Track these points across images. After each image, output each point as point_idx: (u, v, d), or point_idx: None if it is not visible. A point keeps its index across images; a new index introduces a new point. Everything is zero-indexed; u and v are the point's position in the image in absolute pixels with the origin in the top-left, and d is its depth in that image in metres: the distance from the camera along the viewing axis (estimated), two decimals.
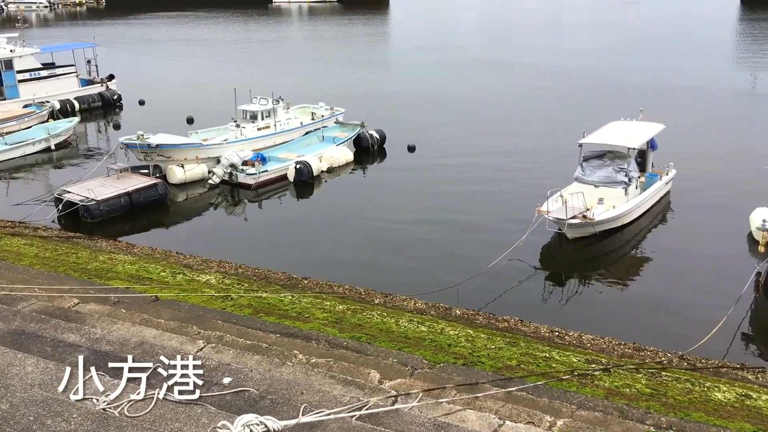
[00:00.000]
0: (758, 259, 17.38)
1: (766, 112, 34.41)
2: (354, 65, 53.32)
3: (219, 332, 10.47)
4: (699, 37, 62.89)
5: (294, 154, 27.86)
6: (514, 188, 24.19)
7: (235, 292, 13.77)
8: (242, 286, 14.41)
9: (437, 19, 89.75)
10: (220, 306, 12.61)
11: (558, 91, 40.76)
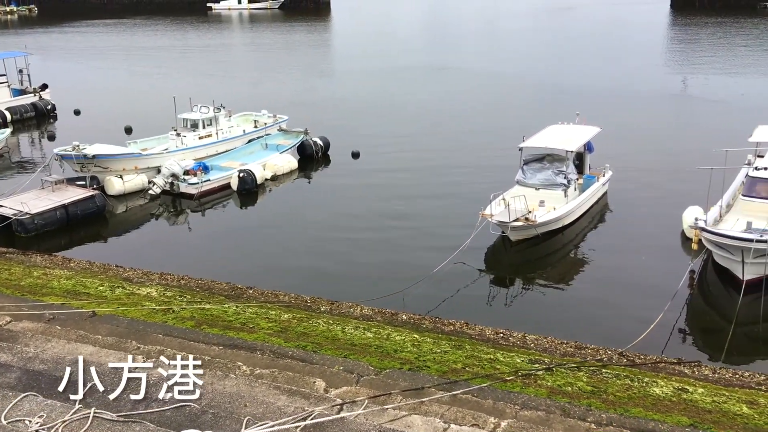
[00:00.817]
0: (691, 257, 18.04)
1: (697, 114, 35.74)
2: (296, 72, 53.05)
3: (159, 346, 10.22)
4: (632, 42, 64.95)
5: (237, 163, 27.51)
6: (458, 192, 24.45)
7: (177, 304, 13.47)
8: (185, 298, 14.12)
9: (378, 26, 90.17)
10: (161, 319, 12.32)
11: (497, 96, 41.46)
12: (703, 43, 61.86)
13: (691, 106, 37.84)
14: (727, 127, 29.80)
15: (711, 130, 31.14)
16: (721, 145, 20.48)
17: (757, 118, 25.98)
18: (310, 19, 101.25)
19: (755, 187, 18.61)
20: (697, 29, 72.68)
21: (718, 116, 34.37)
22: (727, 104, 36.82)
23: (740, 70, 47.67)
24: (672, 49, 61.09)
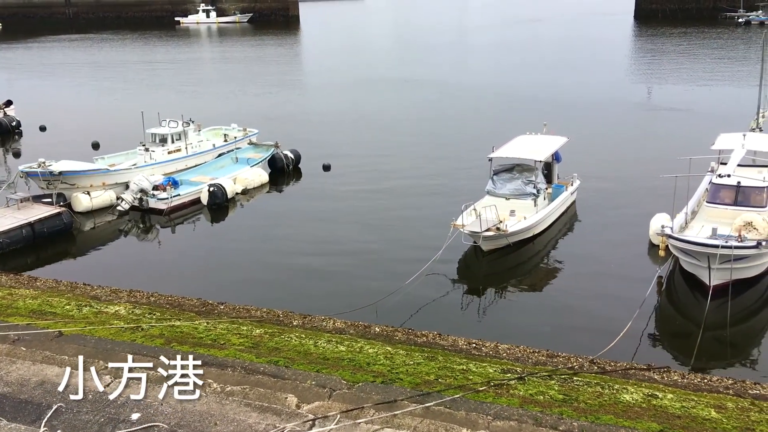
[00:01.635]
0: (659, 264, 18.32)
1: (661, 123, 36.39)
2: (266, 85, 52.93)
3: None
4: (597, 53, 66.06)
5: (207, 177, 27.31)
6: (430, 203, 24.54)
7: (146, 322, 13.27)
8: (154, 316, 13.91)
9: (348, 39, 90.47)
10: (130, 338, 12.12)
11: (466, 107, 41.80)
12: (666, 53, 63.15)
13: (656, 115, 38.53)
14: (691, 135, 30.40)
15: (675, 138, 31.72)
16: (685, 153, 20.86)
17: (720, 126, 26.55)
18: (280, 32, 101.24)
19: (719, 193, 19.01)
20: (661, 40, 74.23)
21: (682, 125, 35.07)
22: (690, 113, 37.60)
23: (703, 79, 48.73)
24: (636, 60, 62.25)
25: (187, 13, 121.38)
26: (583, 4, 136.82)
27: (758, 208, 18.24)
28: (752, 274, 17.16)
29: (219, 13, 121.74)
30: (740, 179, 18.96)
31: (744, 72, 48.84)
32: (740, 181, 18.85)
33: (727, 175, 19.22)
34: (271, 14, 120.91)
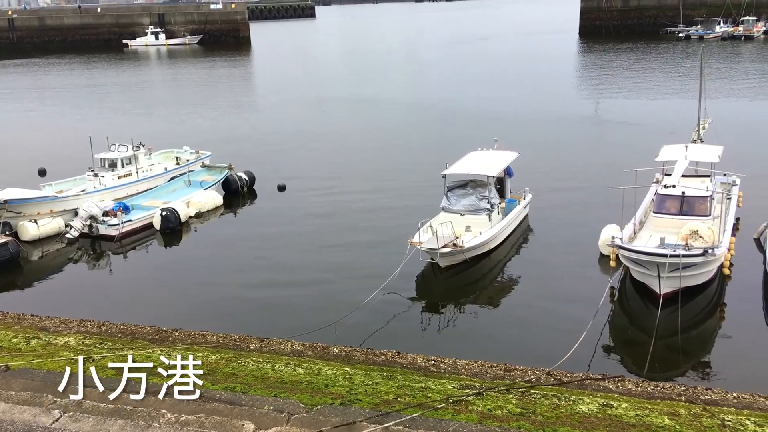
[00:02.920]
0: (610, 274, 18.72)
1: (609, 136, 37.32)
2: (218, 107, 52.51)
3: (78, 398, 9.75)
4: (545, 69, 67.53)
5: (159, 201, 26.89)
6: (386, 222, 24.60)
7: (97, 352, 12.92)
8: (105, 346, 13.56)
9: (300, 58, 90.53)
10: None
11: (418, 125, 42.17)
12: (611, 68, 64.98)
13: (603, 128, 39.53)
14: (636, 147, 31.23)
15: (622, 150, 32.57)
16: (631, 164, 21.44)
17: (663, 138, 27.42)
18: (231, 54, 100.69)
19: (664, 203, 19.58)
20: (606, 55, 76.36)
21: (628, 137, 36.03)
22: (635, 125, 38.67)
23: (646, 93, 50.25)
24: (583, 75, 63.87)
25: (135, 36, 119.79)
26: (530, 22, 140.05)
27: (703, 217, 18.84)
28: (700, 281, 17.66)
29: (168, 35, 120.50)
30: (684, 189, 19.56)
31: (685, 85, 50.60)
32: (684, 191, 19.45)
33: (672, 186, 19.81)
34: (221, 35, 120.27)
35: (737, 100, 45.45)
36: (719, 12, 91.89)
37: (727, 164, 22.90)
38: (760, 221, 21.21)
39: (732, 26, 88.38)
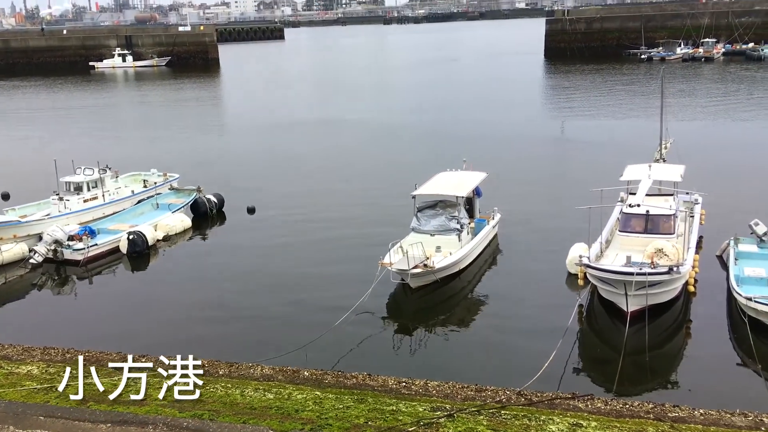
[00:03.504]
0: (578, 292, 18.93)
1: (575, 155, 37.94)
2: (187, 129, 52.19)
3: (40, 430, 9.51)
4: (512, 90, 68.60)
5: (126, 225, 26.52)
6: (356, 243, 24.57)
7: (60, 381, 12.61)
8: (70, 374, 13.24)
9: (269, 81, 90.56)
10: (43, 399, 11.49)
11: (388, 146, 42.39)
12: (576, 89, 66.23)
13: (569, 148, 40.18)
14: (601, 166, 31.72)
15: (587, 170, 33.08)
16: (596, 184, 21.81)
17: (627, 157, 27.91)
18: (199, 75, 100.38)
19: (629, 222, 19.92)
20: (570, 76, 77.87)
21: (593, 157, 36.64)
22: (600, 145, 39.38)
23: (610, 113, 51.27)
24: (549, 96, 64.98)
25: (101, 58, 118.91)
26: (496, 44, 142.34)
27: (667, 235, 19.19)
28: (666, 299, 17.94)
29: (135, 57, 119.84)
30: (649, 208, 19.93)
31: (647, 105, 51.69)
32: (649, 210, 19.81)
33: (637, 205, 20.16)
34: (190, 57, 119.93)
35: (698, 120, 46.60)
36: (680, 34, 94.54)
37: (689, 183, 23.40)
38: (722, 239, 21.66)
39: (692, 48, 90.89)
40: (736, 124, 44.95)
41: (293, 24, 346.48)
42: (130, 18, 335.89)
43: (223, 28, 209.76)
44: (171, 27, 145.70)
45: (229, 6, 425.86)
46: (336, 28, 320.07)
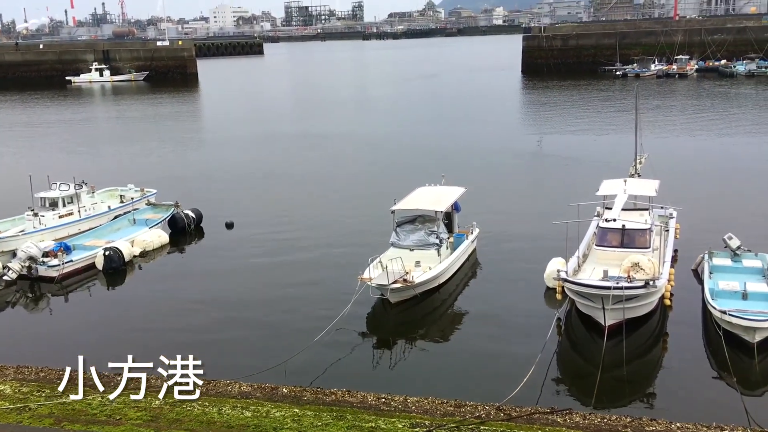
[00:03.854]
0: (556, 307, 19.04)
1: (552, 170, 38.27)
2: (165, 144, 51.86)
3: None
4: (490, 105, 69.24)
5: (102, 241, 26.22)
6: (335, 258, 24.52)
7: (34, 400, 12.41)
8: (43, 393, 13.05)
9: (248, 95, 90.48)
10: (15, 419, 11.29)
11: (366, 161, 42.48)
12: (553, 105, 66.99)
13: (547, 163, 40.56)
14: (578, 181, 32.09)
15: (564, 184, 33.39)
16: (573, 198, 22.01)
17: (603, 172, 28.27)
18: (178, 90, 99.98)
19: (606, 237, 20.11)
20: (548, 92, 78.80)
21: (570, 172, 37.03)
22: (577, 160, 39.82)
23: (587, 128, 51.91)
24: (527, 111, 65.66)
25: (78, 72, 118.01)
26: (474, 60, 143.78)
27: (643, 249, 19.40)
28: (643, 313, 18.11)
29: (113, 71, 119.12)
30: (625, 223, 20.15)
31: (623, 121, 52.46)
32: (625, 225, 20.03)
33: (613, 220, 20.38)
34: (168, 72, 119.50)
35: (672, 135, 47.34)
36: (654, 51, 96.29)
37: (664, 197, 23.73)
38: (697, 252, 21.98)
39: (666, 65, 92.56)
40: (709, 139, 45.75)
41: (272, 39, 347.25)
42: (108, 32, 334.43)
43: (202, 43, 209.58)
44: (149, 42, 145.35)
45: (208, 21, 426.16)
46: (315, 43, 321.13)
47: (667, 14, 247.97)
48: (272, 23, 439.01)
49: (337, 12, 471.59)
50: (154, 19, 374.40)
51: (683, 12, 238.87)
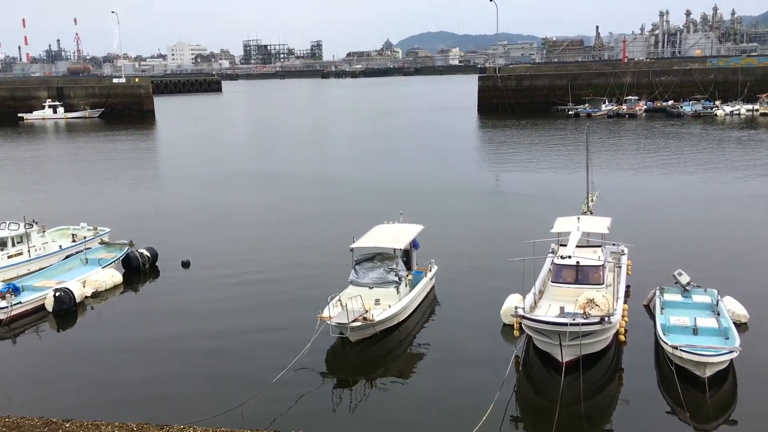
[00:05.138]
0: (514, 344, 19.21)
1: (508, 207, 38.96)
2: (120, 182, 51.09)
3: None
4: (447, 143, 70.36)
5: (53, 281, 25.56)
6: (295, 297, 24.35)
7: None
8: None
9: (206, 133, 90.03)
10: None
11: (325, 199, 42.49)
12: (508, 143, 68.40)
13: (502, 200, 41.28)
14: (533, 218, 32.70)
15: (520, 221, 34.02)
16: (529, 236, 22.42)
17: (557, 209, 28.91)
18: (134, 127, 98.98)
19: (561, 273, 20.49)
20: (503, 131, 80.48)
21: (525, 209, 37.76)
22: (531, 197, 40.63)
23: (541, 166, 53.06)
24: (483, 149, 66.83)
25: (31, 109, 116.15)
26: (432, 99, 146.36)
27: (597, 286, 19.81)
28: (599, 348, 18.40)
29: (67, 108, 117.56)
30: (579, 259, 20.59)
31: (575, 159, 53.89)
32: (579, 261, 20.46)
33: (568, 257, 20.80)
34: (124, 109, 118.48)
35: (623, 173, 48.74)
36: (604, 92, 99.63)
37: (615, 234, 24.33)
38: (648, 289, 22.52)
39: (616, 105, 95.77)
40: (658, 176, 47.22)
41: (231, 77, 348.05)
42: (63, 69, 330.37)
43: (159, 80, 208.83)
44: (105, 78, 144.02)
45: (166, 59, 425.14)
46: (274, 81, 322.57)
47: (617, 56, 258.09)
48: (231, 61, 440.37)
49: (296, 51, 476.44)
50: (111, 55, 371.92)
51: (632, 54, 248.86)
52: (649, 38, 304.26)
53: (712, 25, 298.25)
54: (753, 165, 50.49)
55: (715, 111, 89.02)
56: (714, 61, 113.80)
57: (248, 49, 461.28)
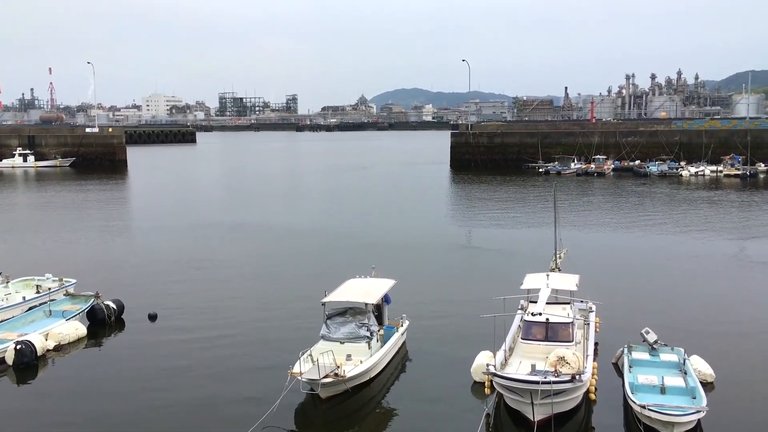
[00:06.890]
0: (485, 401, 19.08)
1: (479, 263, 39.14)
2: (87, 232, 50.37)
3: None
4: (419, 198, 70.94)
5: (14, 334, 24.86)
6: (264, 352, 24.01)
7: None
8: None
9: (178, 184, 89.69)
10: None
11: (296, 252, 42.31)
12: (480, 199, 69.26)
13: (473, 255, 41.51)
14: (504, 274, 32.95)
15: (490, 277, 34.20)
16: (499, 291, 22.54)
17: (527, 265, 29.15)
18: (106, 176, 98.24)
19: (531, 330, 20.58)
20: (475, 186, 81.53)
21: (496, 264, 38.03)
22: (502, 253, 40.97)
23: (511, 222, 53.71)
24: (454, 204, 67.51)
25: (1, 157, 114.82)
26: (405, 153, 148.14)
27: (567, 343, 19.91)
28: (570, 407, 18.34)
29: (38, 156, 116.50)
30: (549, 316, 20.72)
31: (544, 215, 54.66)
32: (549, 318, 20.59)
33: (539, 314, 20.93)
34: (96, 158, 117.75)
35: (591, 230, 49.50)
36: (573, 151, 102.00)
37: (583, 292, 24.58)
38: (616, 346, 22.65)
39: (585, 164, 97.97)
40: (626, 234, 48.04)
41: (206, 128, 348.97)
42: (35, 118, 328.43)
43: (133, 130, 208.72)
44: (78, 128, 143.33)
45: (141, 109, 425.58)
46: (249, 133, 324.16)
47: (585, 117, 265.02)
48: (206, 113, 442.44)
49: (272, 103, 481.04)
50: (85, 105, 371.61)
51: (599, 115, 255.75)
52: (616, 99, 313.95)
53: (676, 88, 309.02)
54: (720, 225, 51.71)
55: (681, 171, 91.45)
56: (679, 123, 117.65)
57: (224, 101, 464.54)
